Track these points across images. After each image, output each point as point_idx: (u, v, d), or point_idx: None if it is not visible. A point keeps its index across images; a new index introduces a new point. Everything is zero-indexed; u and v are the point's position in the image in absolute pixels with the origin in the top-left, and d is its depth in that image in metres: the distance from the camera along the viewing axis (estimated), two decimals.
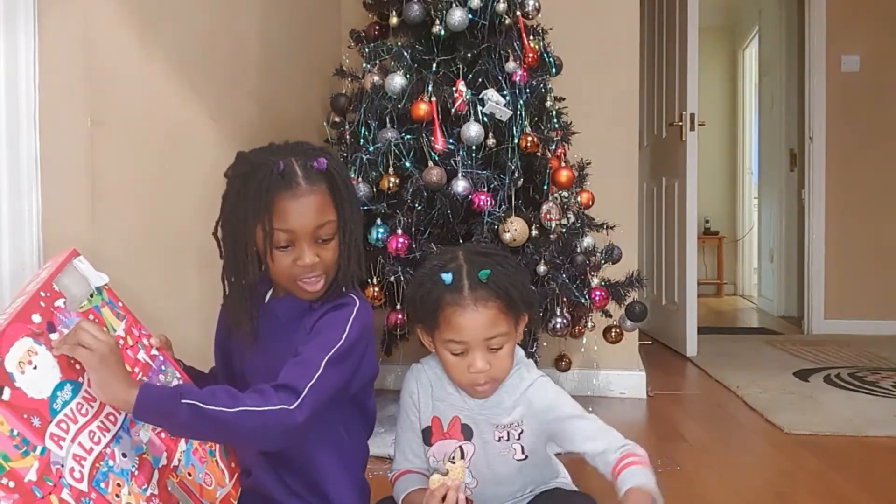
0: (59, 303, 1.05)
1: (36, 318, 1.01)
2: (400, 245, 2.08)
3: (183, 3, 1.80)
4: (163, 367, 1.21)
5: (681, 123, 3.76)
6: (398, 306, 2.21)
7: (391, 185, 2.13)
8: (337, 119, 2.55)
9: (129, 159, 1.56)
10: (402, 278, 2.08)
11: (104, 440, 1.06)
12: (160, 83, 1.69)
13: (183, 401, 1.04)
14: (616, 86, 2.98)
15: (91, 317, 1.10)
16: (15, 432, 0.94)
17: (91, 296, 1.12)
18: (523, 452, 1.27)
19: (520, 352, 1.32)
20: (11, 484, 0.92)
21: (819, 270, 4.72)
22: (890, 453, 2.24)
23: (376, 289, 2.15)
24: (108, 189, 1.48)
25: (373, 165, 2.15)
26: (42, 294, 1.03)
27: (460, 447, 1.27)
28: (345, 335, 1.19)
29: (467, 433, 1.28)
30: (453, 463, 1.25)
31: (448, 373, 1.27)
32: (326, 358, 1.15)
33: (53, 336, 1.01)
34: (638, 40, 3.08)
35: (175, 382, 1.22)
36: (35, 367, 0.98)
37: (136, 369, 1.15)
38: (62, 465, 0.98)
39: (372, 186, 2.14)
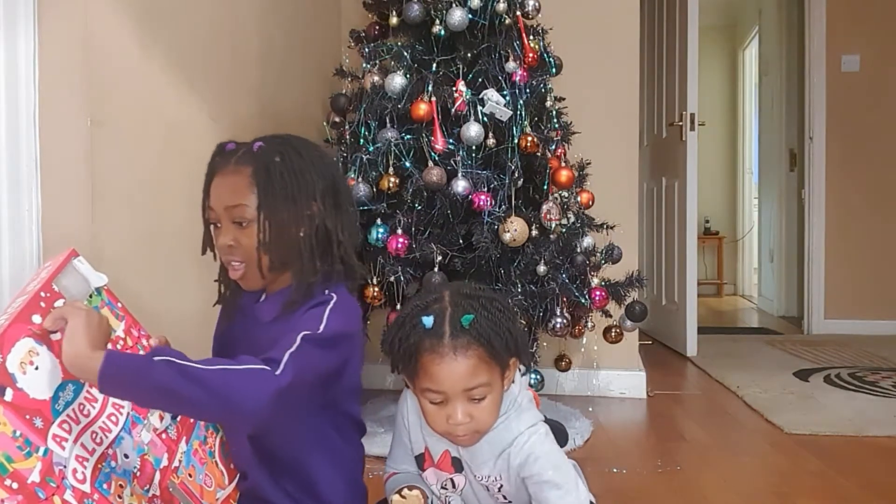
0: (60, 303, 1.05)
1: (36, 318, 1.00)
2: (400, 245, 2.08)
3: (183, 3, 1.80)
4: None
5: (681, 123, 3.76)
6: (398, 306, 2.21)
7: (391, 185, 2.13)
8: (337, 119, 2.55)
9: (128, 159, 1.56)
10: (402, 278, 2.08)
11: (106, 441, 1.06)
12: (160, 83, 1.69)
13: (157, 358, 0.98)
14: (616, 86, 2.98)
15: None
16: (17, 433, 0.93)
17: (90, 296, 1.12)
18: (506, 499, 1.24)
19: (514, 392, 1.23)
20: (15, 485, 0.91)
21: (819, 270, 4.72)
22: (890, 453, 2.24)
23: (376, 289, 2.15)
24: (108, 189, 1.48)
25: (373, 165, 2.15)
26: (42, 294, 1.03)
27: (451, 479, 1.26)
28: (322, 325, 1.15)
29: (457, 466, 1.25)
30: (410, 491, 1.20)
31: (426, 420, 1.19)
32: (301, 335, 1.11)
33: (55, 337, 1.01)
34: (638, 40, 3.08)
35: None
36: (37, 368, 0.98)
37: None
38: (65, 466, 0.98)
39: (372, 186, 2.14)
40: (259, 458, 1.26)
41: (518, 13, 2.33)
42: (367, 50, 2.42)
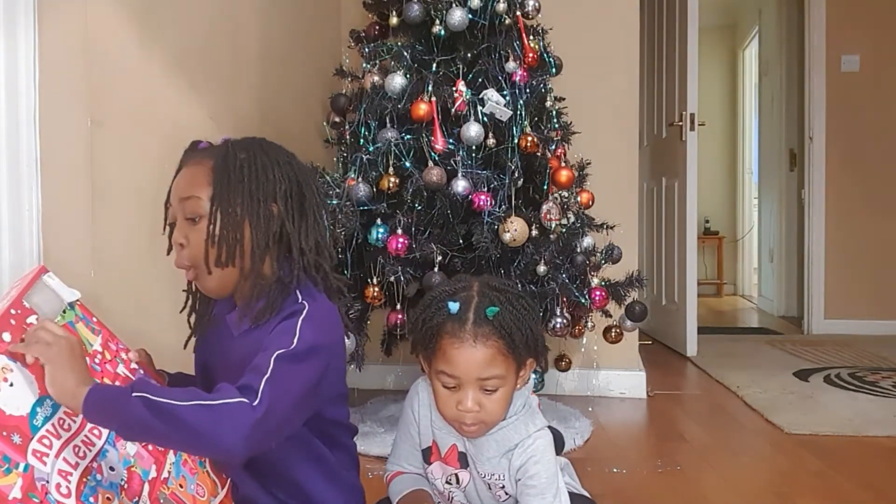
0: (31, 319, 1.03)
1: (6, 336, 0.98)
2: (400, 245, 2.08)
3: (183, 3, 1.80)
4: None
5: (681, 123, 3.76)
6: (398, 306, 2.21)
7: (391, 185, 2.13)
8: (337, 119, 2.55)
9: (129, 159, 1.56)
10: (402, 278, 2.08)
11: (90, 454, 1.04)
12: (160, 83, 1.69)
13: (134, 394, 0.97)
14: (616, 86, 2.99)
15: None
16: None
17: (63, 312, 1.09)
18: (507, 494, 1.25)
19: (523, 397, 1.25)
20: None
21: (819, 270, 4.72)
22: (890, 453, 2.24)
23: (376, 289, 2.14)
24: (108, 189, 1.49)
25: (373, 165, 2.15)
26: (13, 312, 1.01)
27: (456, 474, 1.26)
28: (296, 338, 1.10)
29: (464, 462, 1.26)
30: None
31: (436, 404, 1.21)
32: (275, 356, 1.07)
33: (29, 359, 0.98)
34: (638, 40, 3.08)
35: None
36: (11, 385, 0.96)
37: (117, 383, 1.11)
38: (48, 482, 0.96)
39: (372, 186, 2.14)
40: (247, 469, 1.24)
41: (518, 13, 2.33)
42: (367, 50, 2.42)
